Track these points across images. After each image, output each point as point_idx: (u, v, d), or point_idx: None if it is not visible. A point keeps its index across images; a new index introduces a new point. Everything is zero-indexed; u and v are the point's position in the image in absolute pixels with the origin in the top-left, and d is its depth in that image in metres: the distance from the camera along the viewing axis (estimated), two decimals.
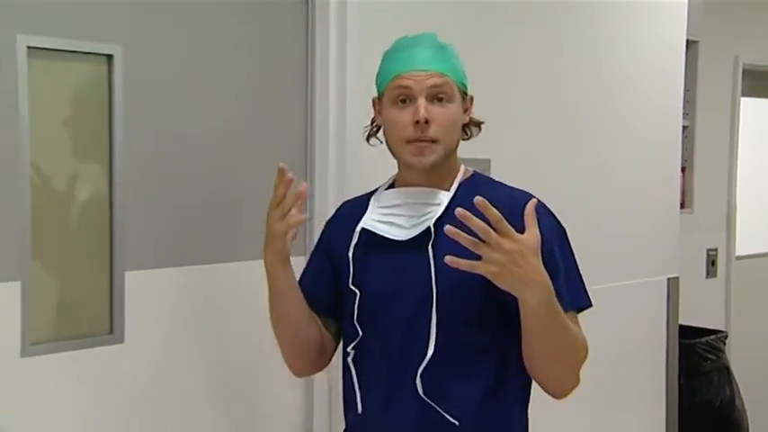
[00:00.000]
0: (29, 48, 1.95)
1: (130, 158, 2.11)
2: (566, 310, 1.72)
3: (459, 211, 1.54)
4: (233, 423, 2.31)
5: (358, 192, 2.01)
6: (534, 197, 1.78)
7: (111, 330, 2.10)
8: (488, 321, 1.75)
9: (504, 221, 1.54)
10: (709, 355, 3.88)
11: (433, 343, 1.73)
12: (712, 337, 3.95)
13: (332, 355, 1.97)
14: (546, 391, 1.80)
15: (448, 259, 1.56)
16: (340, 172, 2.42)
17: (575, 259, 1.85)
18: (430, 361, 1.73)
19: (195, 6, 2.21)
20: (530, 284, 1.58)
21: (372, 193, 1.93)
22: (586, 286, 1.86)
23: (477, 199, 1.54)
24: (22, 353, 1.96)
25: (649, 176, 3.36)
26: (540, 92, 2.98)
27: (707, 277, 4.57)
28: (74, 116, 2.07)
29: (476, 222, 1.53)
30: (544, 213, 1.79)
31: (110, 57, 2.08)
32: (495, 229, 1.54)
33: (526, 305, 1.62)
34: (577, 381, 1.78)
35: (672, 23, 3.42)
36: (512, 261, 1.54)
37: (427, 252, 1.75)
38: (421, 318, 1.75)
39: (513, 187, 1.90)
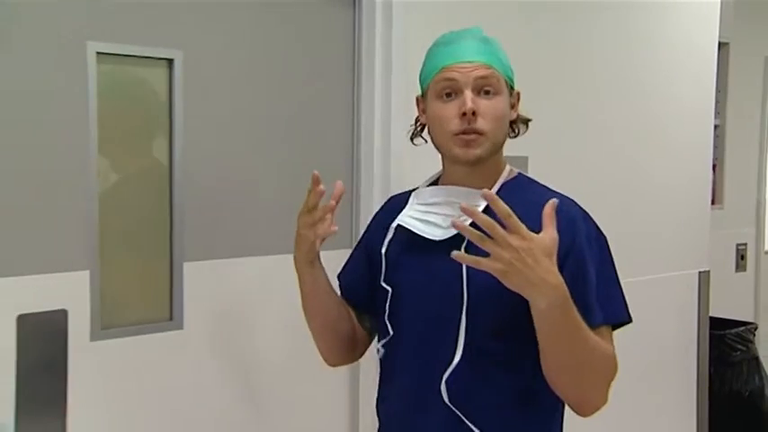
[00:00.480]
0: (98, 53, 2.00)
1: (188, 156, 2.15)
2: (595, 324, 1.57)
3: (455, 222, 1.45)
4: (282, 407, 2.35)
5: (402, 189, 1.97)
6: (572, 200, 1.71)
7: (171, 317, 2.15)
8: (516, 332, 1.58)
9: (515, 217, 1.41)
10: (739, 346, 3.84)
11: (461, 349, 1.61)
12: (742, 328, 3.90)
13: (365, 350, 1.90)
14: (569, 406, 1.64)
15: (454, 254, 1.43)
16: (384, 169, 2.43)
17: (614, 270, 1.69)
18: (457, 367, 1.61)
19: (247, 12, 2.24)
20: (538, 285, 1.42)
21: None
22: (626, 299, 1.69)
23: (484, 191, 1.43)
24: (92, 337, 2.01)
25: (681, 174, 3.35)
26: (576, 90, 2.97)
27: (736, 271, 4.54)
28: (137, 117, 2.11)
29: (480, 217, 1.40)
30: (581, 219, 1.68)
31: (170, 61, 2.12)
32: (503, 226, 1.41)
33: (535, 308, 1.48)
34: (603, 399, 1.60)
35: (704, 26, 3.41)
36: (519, 259, 1.40)
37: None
38: (449, 322, 1.63)
39: (554, 190, 1.74)
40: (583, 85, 2.99)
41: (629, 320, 1.69)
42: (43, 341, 1.95)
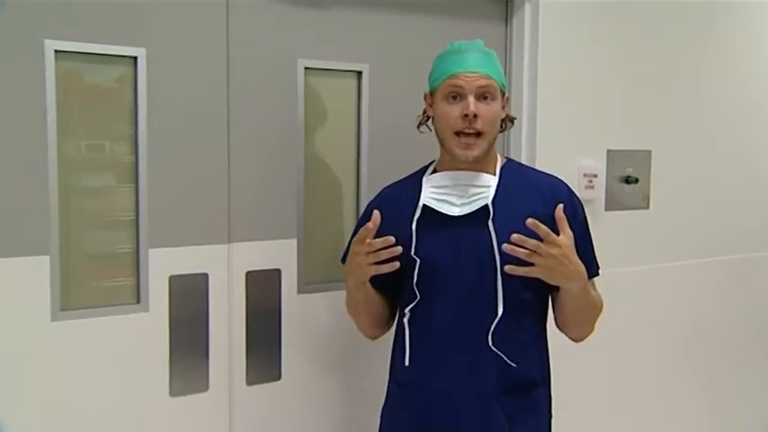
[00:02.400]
0: (305, 68, 2.27)
1: (372, 151, 2.38)
2: (592, 275, 1.90)
3: (507, 246, 1.67)
4: None
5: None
6: (559, 179, 1.95)
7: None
8: (533, 285, 1.82)
9: (552, 234, 1.68)
10: None
11: (502, 302, 1.81)
12: None
13: (395, 318, 2.02)
14: (570, 339, 1.96)
15: (507, 268, 1.70)
16: (530, 151, 2.58)
17: (590, 233, 1.96)
18: (494, 317, 1.82)
19: (418, 31, 2.43)
20: (572, 277, 1.73)
21: (412, 176, 2.00)
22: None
23: (529, 221, 1.68)
24: (298, 290, 2.29)
25: None
26: (698, 87, 3.00)
27: None
28: (333, 119, 2.34)
29: (530, 242, 1.66)
30: (572, 192, 1.94)
31: (359, 73, 2.36)
32: (541, 240, 1.67)
33: (568, 292, 1.79)
34: (593, 330, 1.94)
35: None
36: (558, 263, 1.69)
37: (487, 226, 1.82)
38: (484, 282, 1.83)
39: (539, 170, 2.02)
40: (706, 82, 3.03)
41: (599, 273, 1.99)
42: (264, 293, 2.24)
